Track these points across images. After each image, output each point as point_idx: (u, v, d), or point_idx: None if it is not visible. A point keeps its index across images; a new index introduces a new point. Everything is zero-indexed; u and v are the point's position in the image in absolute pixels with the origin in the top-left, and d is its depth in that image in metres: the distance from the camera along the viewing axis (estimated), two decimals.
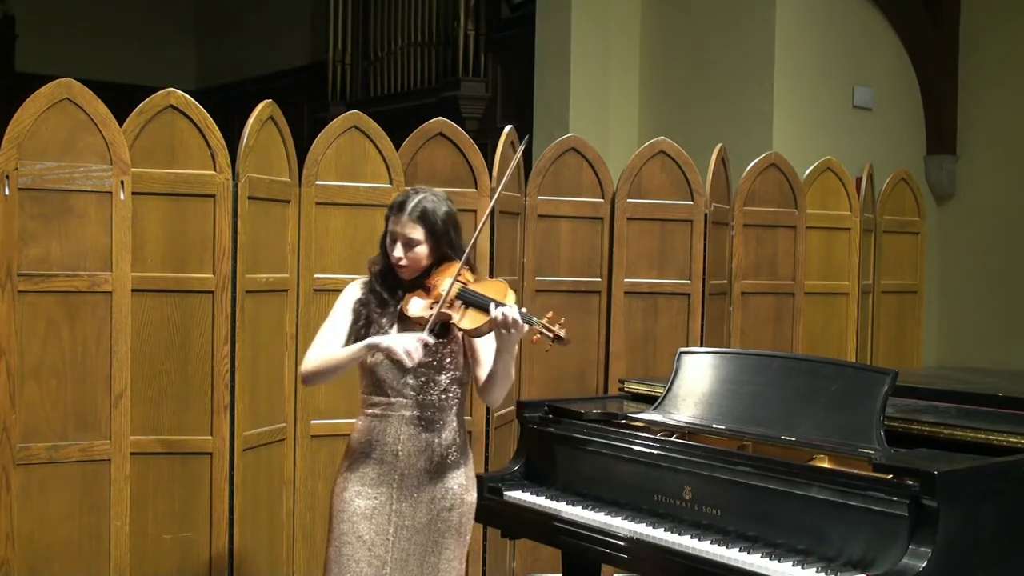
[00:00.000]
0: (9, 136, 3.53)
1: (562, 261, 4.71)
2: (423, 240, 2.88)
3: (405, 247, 2.88)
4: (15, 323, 3.54)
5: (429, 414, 2.90)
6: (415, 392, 2.90)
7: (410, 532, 2.89)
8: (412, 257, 2.89)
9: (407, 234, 2.88)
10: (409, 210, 2.88)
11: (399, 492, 2.89)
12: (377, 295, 2.94)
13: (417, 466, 2.90)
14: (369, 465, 2.90)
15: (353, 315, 2.94)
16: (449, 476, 2.93)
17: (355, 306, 2.95)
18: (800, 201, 5.08)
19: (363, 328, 2.90)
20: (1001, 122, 6.96)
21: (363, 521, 2.88)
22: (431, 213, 2.89)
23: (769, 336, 5.01)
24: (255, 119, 3.91)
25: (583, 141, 4.81)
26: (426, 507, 2.90)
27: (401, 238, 2.88)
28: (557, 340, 2.78)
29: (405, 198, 2.92)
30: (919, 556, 2.44)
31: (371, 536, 2.87)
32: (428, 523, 2.91)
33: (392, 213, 2.92)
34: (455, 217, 2.96)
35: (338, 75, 10.22)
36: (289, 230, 4.10)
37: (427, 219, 2.88)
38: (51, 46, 11.70)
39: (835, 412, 2.94)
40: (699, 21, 7.00)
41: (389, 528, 2.88)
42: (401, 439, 2.89)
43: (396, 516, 2.89)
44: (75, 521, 3.64)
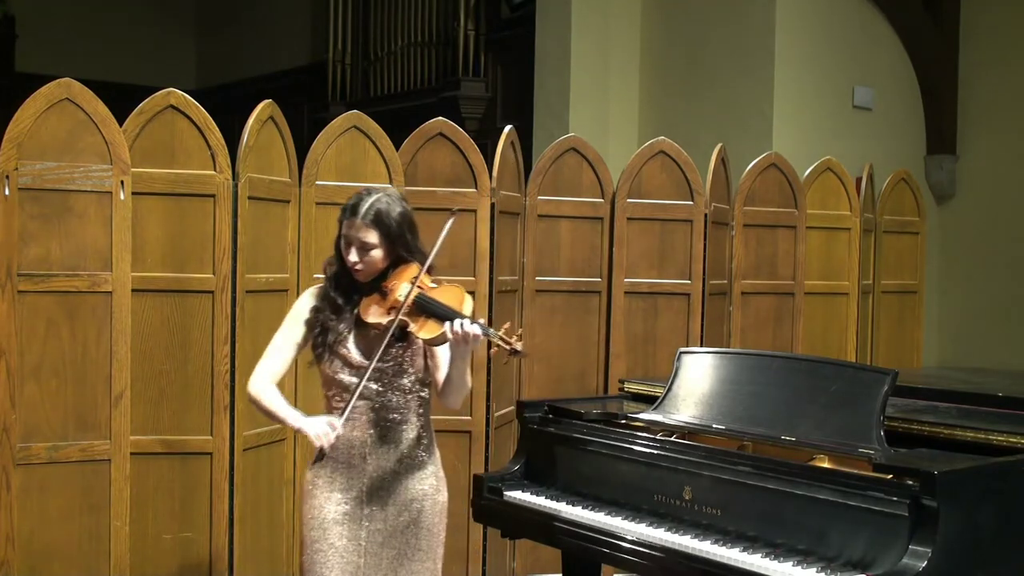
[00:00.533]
0: (9, 136, 3.53)
1: (562, 261, 4.71)
2: (378, 244, 2.82)
3: (360, 251, 2.83)
4: (15, 323, 3.54)
5: (395, 416, 2.87)
6: (380, 395, 2.86)
7: (382, 536, 2.87)
8: (368, 261, 2.83)
9: (361, 238, 2.81)
10: (363, 213, 2.81)
11: (368, 496, 2.86)
12: (331, 301, 2.89)
13: (385, 468, 2.87)
14: (337, 470, 2.87)
15: (307, 325, 2.89)
16: (418, 477, 2.91)
17: (310, 315, 2.90)
18: (800, 201, 5.08)
19: (320, 336, 2.86)
20: (1001, 122, 6.96)
21: (334, 527, 2.85)
22: (385, 215, 2.82)
23: (769, 336, 5.00)
24: (255, 119, 3.91)
25: (583, 141, 4.81)
26: (397, 509, 2.88)
27: (356, 242, 2.82)
28: (514, 353, 2.74)
29: (358, 200, 2.85)
30: (919, 556, 2.44)
31: (343, 542, 2.85)
32: (400, 526, 2.88)
33: (345, 216, 2.85)
34: (410, 218, 2.89)
35: (338, 75, 10.22)
36: (289, 230, 4.10)
37: (381, 222, 2.81)
38: (51, 46, 11.69)
39: (835, 412, 2.94)
40: (699, 21, 7.00)
41: (361, 532, 2.86)
42: (368, 442, 2.86)
43: (367, 520, 2.87)
44: (75, 521, 3.64)
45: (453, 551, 4.42)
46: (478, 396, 4.38)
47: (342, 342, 2.86)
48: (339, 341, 2.85)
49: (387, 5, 9.78)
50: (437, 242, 2.86)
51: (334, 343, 2.85)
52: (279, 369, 2.91)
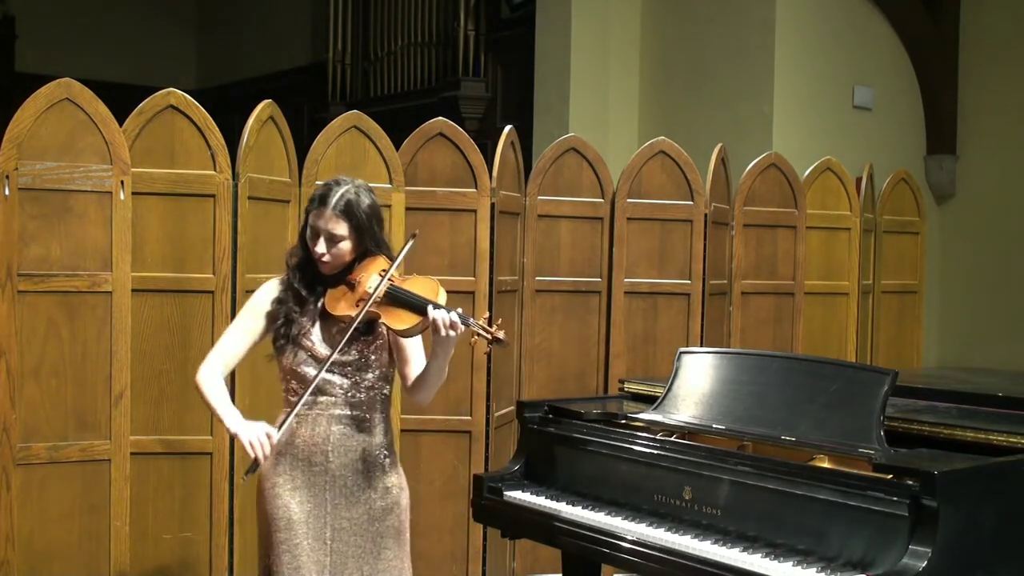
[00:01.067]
0: (9, 136, 3.53)
1: (562, 261, 4.71)
2: (347, 235, 2.78)
3: (328, 243, 2.78)
4: (15, 323, 3.54)
5: (358, 413, 2.83)
6: (343, 390, 2.81)
7: (348, 535, 2.83)
8: (335, 253, 2.79)
9: (330, 229, 2.77)
10: (332, 204, 2.76)
11: (333, 494, 2.82)
12: (295, 292, 2.83)
13: (349, 467, 2.82)
14: (298, 468, 2.81)
15: (268, 318, 2.84)
16: (383, 476, 2.87)
17: (272, 306, 2.84)
18: (800, 201, 5.08)
19: (284, 327, 2.80)
20: (1001, 122, 6.96)
21: (301, 526, 2.79)
22: (355, 206, 2.78)
23: (769, 336, 5.00)
24: (255, 119, 3.91)
25: (583, 141, 4.81)
26: (362, 508, 2.84)
27: (324, 233, 2.77)
28: (496, 342, 2.71)
29: (327, 191, 2.80)
30: (919, 556, 2.44)
31: (309, 542, 2.80)
32: (365, 525, 2.84)
33: (314, 207, 2.80)
34: (379, 210, 2.86)
35: (338, 75, 10.22)
36: (289, 230, 4.09)
37: (351, 213, 2.77)
38: (51, 46, 11.69)
39: (835, 412, 2.94)
40: (699, 21, 6.99)
41: (326, 532, 2.81)
42: (331, 440, 2.81)
43: (332, 519, 2.81)
44: (75, 521, 3.64)
45: (453, 551, 4.42)
46: (478, 396, 4.38)
47: (306, 334, 2.81)
48: (303, 333, 2.80)
49: (387, 5, 9.78)
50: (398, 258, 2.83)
51: (298, 335, 2.80)
52: (231, 361, 2.87)
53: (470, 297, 4.32)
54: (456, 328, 2.70)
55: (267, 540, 2.83)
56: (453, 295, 4.21)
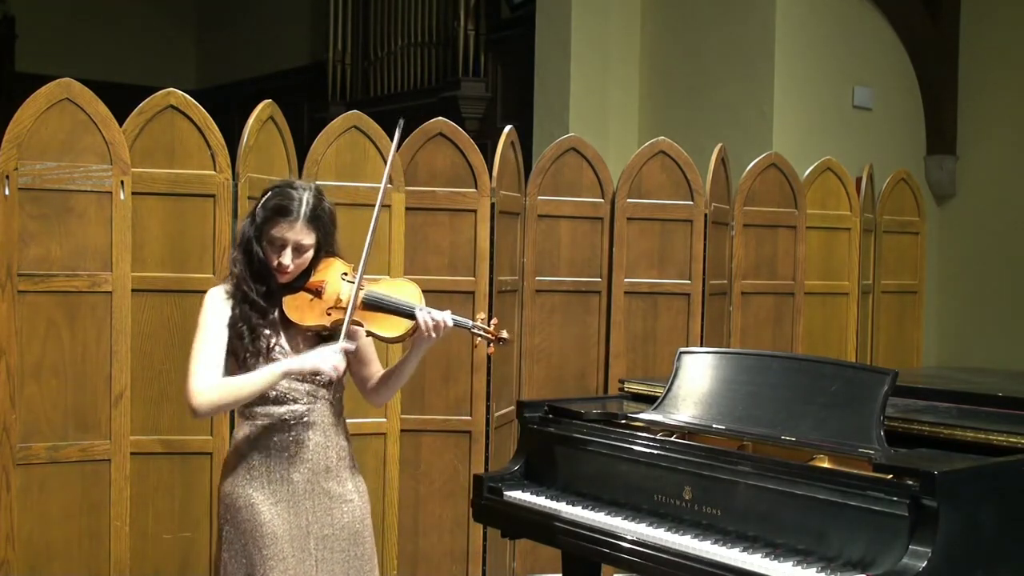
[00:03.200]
0: (9, 136, 3.53)
1: (562, 261, 4.71)
2: (313, 244, 2.67)
3: (295, 253, 2.65)
4: (15, 323, 3.54)
5: (328, 420, 2.77)
6: (315, 398, 2.74)
7: (330, 541, 2.77)
8: (300, 263, 2.67)
9: (299, 240, 2.64)
10: (302, 214, 2.63)
11: (314, 503, 2.75)
12: (253, 303, 2.69)
13: (324, 472, 2.76)
14: (275, 481, 2.72)
15: (231, 330, 2.68)
16: (352, 480, 2.82)
17: (231, 319, 2.68)
18: (800, 201, 5.08)
19: (251, 342, 2.66)
20: (1001, 122, 6.96)
21: (285, 540, 2.70)
22: (321, 212, 2.67)
23: (769, 336, 5.00)
24: (255, 119, 3.91)
25: (583, 141, 4.81)
26: (339, 511, 2.78)
27: (292, 243, 2.64)
28: (499, 341, 2.66)
29: (289, 199, 2.64)
30: (919, 556, 2.44)
31: (295, 554, 2.72)
32: (345, 527, 2.79)
33: (278, 215, 2.64)
34: (335, 213, 2.75)
35: (338, 75, 10.22)
36: None
37: (319, 222, 2.67)
38: (51, 46, 11.70)
39: (835, 412, 2.94)
40: (699, 21, 7.00)
41: (309, 542, 2.74)
42: (309, 447, 2.74)
43: (314, 527, 2.75)
44: (75, 521, 3.65)
45: (453, 551, 4.42)
46: (478, 396, 4.38)
47: (274, 347, 2.69)
48: (272, 347, 2.68)
49: (387, 5, 9.78)
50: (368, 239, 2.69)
51: (268, 349, 2.67)
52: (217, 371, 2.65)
53: (470, 297, 4.32)
54: (442, 329, 2.65)
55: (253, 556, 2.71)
56: (453, 295, 4.23)
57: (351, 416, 3.98)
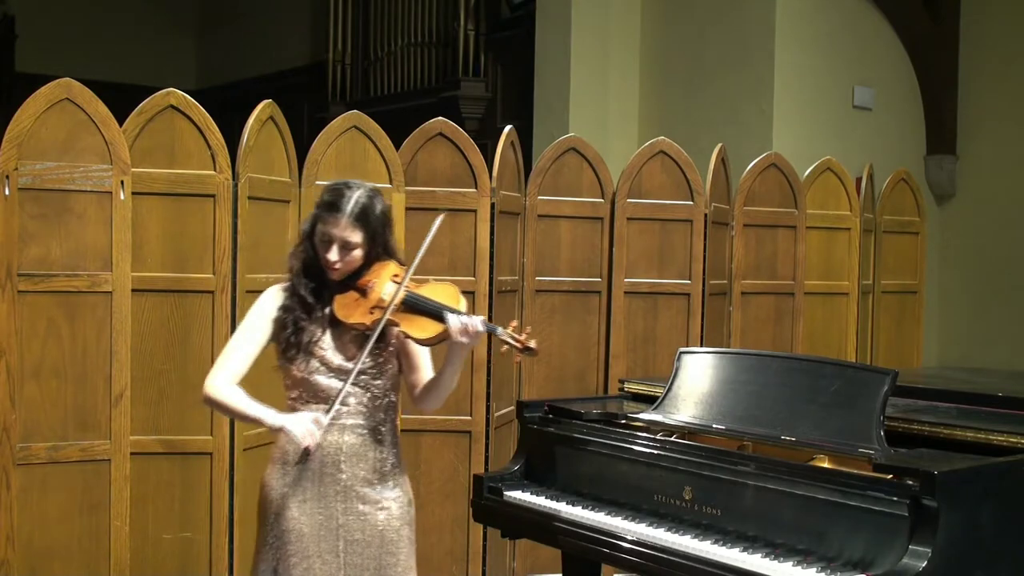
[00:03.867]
0: (9, 136, 3.53)
1: (562, 261, 4.71)
2: (360, 243, 2.69)
3: (342, 250, 2.69)
4: (15, 323, 3.54)
5: (371, 422, 2.77)
6: (356, 399, 2.74)
7: (361, 546, 2.75)
8: (348, 261, 2.70)
9: (345, 237, 2.67)
10: (348, 211, 2.67)
11: (344, 505, 2.74)
12: (301, 299, 2.73)
13: (360, 476, 2.75)
14: (308, 479, 2.74)
15: (276, 324, 2.74)
16: (394, 485, 2.81)
17: (279, 314, 2.74)
18: (800, 201, 5.08)
19: (293, 335, 2.70)
20: (1001, 122, 6.96)
21: (312, 540, 2.72)
22: (370, 212, 2.69)
23: (769, 336, 5.00)
24: (255, 119, 3.91)
25: (583, 141, 4.81)
26: (373, 518, 2.76)
27: (338, 241, 2.68)
28: (527, 351, 2.65)
29: (340, 196, 2.69)
30: (919, 556, 2.44)
31: (322, 555, 2.73)
32: (378, 535, 2.77)
33: (327, 212, 2.69)
34: (390, 215, 2.78)
35: (338, 75, 10.23)
36: (289, 230, 4.09)
37: (367, 221, 2.69)
38: (51, 46, 11.70)
39: (835, 412, 2.94)
40: (699, 21, 7.00)
41: (339, 544, 2.74)
42: (344, 449, 2.74)
43: (344, 531, 2.74)
44: (75, 521, 3.65)
45: (453, 551, 4.42)
46: (478, 396, 4.38)
47: (317, 343, 2.72)
48: (314, 342, 2.71)
49: (387, 5, 9.79)
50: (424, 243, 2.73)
51: (309, 344, 2.71)
52: (241, 370, 2.73)
53: (470, 297, 4.32)
54: (474, 335, 2.64)
55: (275, 551, 2.75)
56: None
57: None
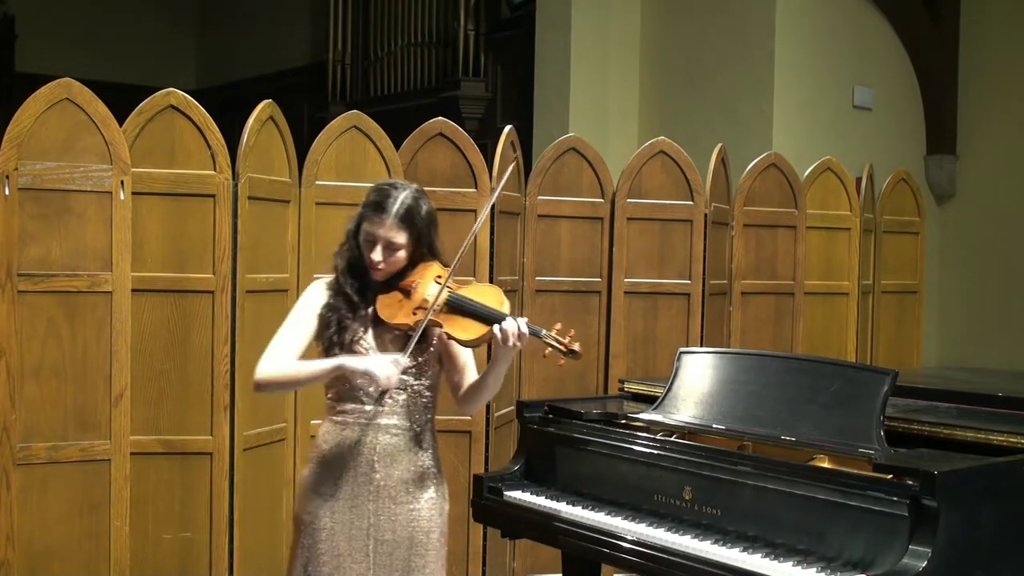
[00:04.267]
0: (9, 136, 3.53)
1: (562, 261, 4.71)
2: (405, 244, 2.71)
3: (386, 251, 2.71)
4: (15, 323, 3.54)
5: (408, 423, 2.77)
6: (394, 400, 2.75)
7: (390, 547, 2.75)
8: (392, 261, 2.72)
9: (390, 237, 2.69)
10: (393, 212, 2.69)
11: (376, 505, 2.74)
12: (346, 297, 2.75)
13: (394, 477, 2.75)
14: (342, 478, 2.74)
15: (320, 320, 2.75)
16: (427, 486, 2.80)
17: (322, 311, 2.75)
18: (800, 201, 5.08)
19: (336, 334, 2.72)
20: (1001, 122, 6.96)
21: (343, 541, 2.74)
22: (416, 214, 2.71)
23: (769, 336, 5.00)
24: (255, 119, 3.91)
25: (583, 141, 4.81)
26: (405, 519, 2.76)
27: (382, 241, 2.70)
28: (570, 354, 2.65)
29: (385, 196, 2.71)
30: (919, 556, 2.44)
31: (352, 554, 2.74)
32: (408, 537, 2.77)
33: (372, 212, 2.71)
34: (435, 216, 2.78)
35: (338, 75, 10.23)
36: (289, 230, 4.10)
37: (412, 222, 2.70)
38: (51, 46, 11.69)
39: (835, 412, 2.94)
40: (699, 21, 7.00)
41: (368, 543, 2.74)
42: (377, 449, 2.74)
43: (375, 530, 2.74)
44: (75, 521, 3.64)
45: (453, 551, 4.42)
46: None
47: (358, 341, 2.73)
48: (356, 340, 2.72)
49: (387, 5, 9.79)
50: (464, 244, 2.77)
51: (351, 342, 2.72)
52: (298, 349, 2.74)
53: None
54: (524, 339, 2.63)
55: (307, 551, 2.76)
56: None
57: None
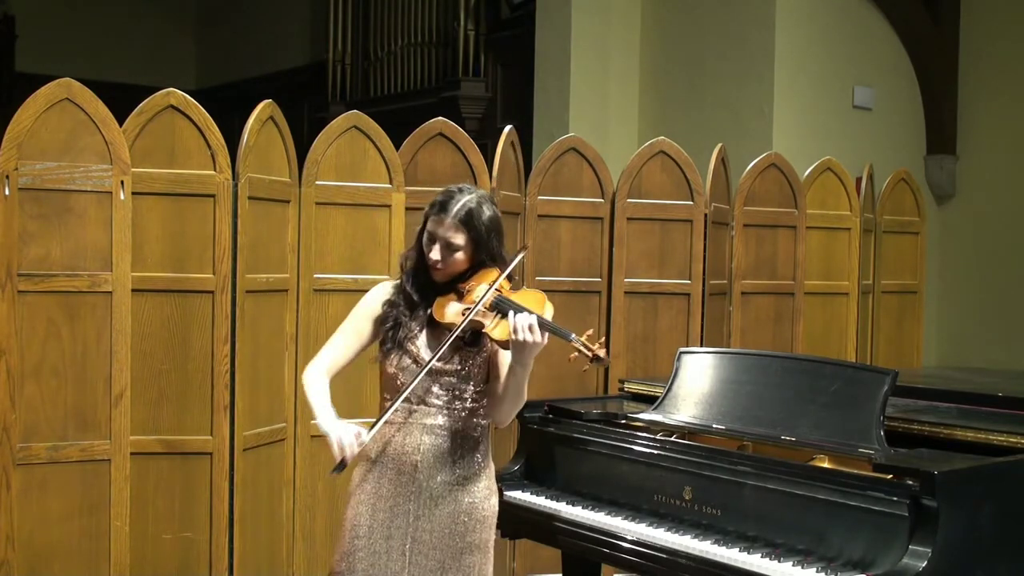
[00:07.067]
0: (9, 136, 3.53)
1: (562, 261, 4.71)
2: (464, 245, 2.74)
3: (444, 250, 2.74)
4: (15, 323, 3.54)
5: (454, 425, 2.77)
6: (441, 402, 2.77)
7: (428, 548, 2.76)
8: (451, 261, 2.75)
9: (448, 237, 2.73)
10: (453, 212, 2.72)
11: (416, 505, 2.76)
12: (407, 296, 2.80)
13: (437, 479, 2.76)
14: (385, 476, 2.77)
15: (377, 320, 2.82)
16: (471, 491, 2.80)
17: (383, 307, 2.82)
18: (800, 201, 5.08)
19: (391, 330, 2.77)
20: (1001, 122, 6.96)
21: (381, 540, 2.76)
22: (476, 217, 2.73)
23: (769, 336, 5.00)
24: (255, 119, 3.91)
25: (583, 141, 4.81)
26: (446, 521, 2.76)
27: (441, 240, 2.74)
28: (596, 360, 2.65)
29: (449, 197, 2.76)
30: (919, 556, 2.44)
31: (388, 551, 2.75)
32: (447, 539, 2.77)
33: (434, 212, 2.76)
34: (499, 223, 2.80)
35: (338, 75, 10.22)
36: (289, 230, 4.10)
37: (471, 224, 2.73)
38: (51, 46, 11.70)
39: (835, 412, 2.94)
40: (699, 21, 7.00)
41: (406, 543, 2.75)
42: (421, 450, 2.76)
43: (413, 530, 2.75)
44: (75, 521, 3.64)
45: None
46: None
47: (412, 339, 2.77)
48: (409, 338, 2.76)
49: (387, 5, 9.78)
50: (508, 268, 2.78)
51: (404, 339, 2.76)
52: (339, 360, 2.84)
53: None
54: (533, 333, 2.61)
55: (345, 546, 2.80)
56: None
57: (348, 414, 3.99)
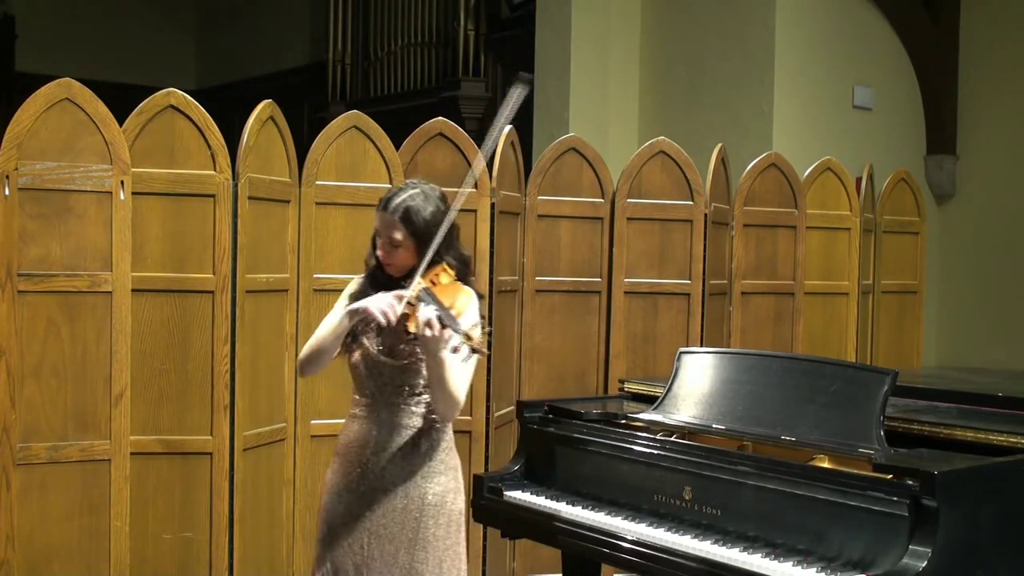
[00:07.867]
0: (9, 136, 3.53)
1: (562, 261, 4.71)
2: (403, 241, 2.77)
3: (387, 245, 2.79)
4: (15, 323, 3.54)
5: (398, 418, 2.81)
6: (383, 394, 2.81)
7: (384, 541, 2.79)
8: (394, 256, 2.79)
9: (389, 233, 2.78)
10: (391, 208, 2.77)
11: (371, 498, 2.80)
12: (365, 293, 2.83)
13: (388, 471, 2.79)
14: (343, 468, 2.85)
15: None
16: (422, 485, 2.81)
17: (347, 301, 2.85)
18: (800, 201, 5.08)
19: (360, 323, 2.80)
20: (1001, 122, 6.96)
21: (343, 534, 2.81)
22: (414, 213, 2.76)
23: (769, 336, 5.00)
24: (255, 119, 3.91)
25: (583, 141, 4.81)
26: (399, 515, 2.79)
27: (383, 236, 2.80)
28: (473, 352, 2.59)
29: (392, 194, 2.81)
30: (919, 556, 2.44)
31: (351, 546, 2.80)
32: (399, 532, 2.79)
33: (378, 209, 2.82)
34: (442, 218, 2.79)
35: (338, 75, 10.22)
36: (289, 230, 4.10)
37: (409, 220, 2.76)
38: (51, 46, 11.69)
39: (835, 412, 2.94)
40: (699, 21, 6.99)
41: (363, 537, 2.79)
42: (371, 443, 2.81)
43: (370, 523, 2.79)
44: (75, 521, 3.64)
45: None
46: (478, 396, 4.38)
47: (366, 333, 2.81)
48: (364, 332, 2.81)
49: (387, 5, 9.79)
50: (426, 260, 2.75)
51: (360, 333, 2.81)
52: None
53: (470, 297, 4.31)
54: (432, 327, 2.58)
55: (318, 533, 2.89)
56: None
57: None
